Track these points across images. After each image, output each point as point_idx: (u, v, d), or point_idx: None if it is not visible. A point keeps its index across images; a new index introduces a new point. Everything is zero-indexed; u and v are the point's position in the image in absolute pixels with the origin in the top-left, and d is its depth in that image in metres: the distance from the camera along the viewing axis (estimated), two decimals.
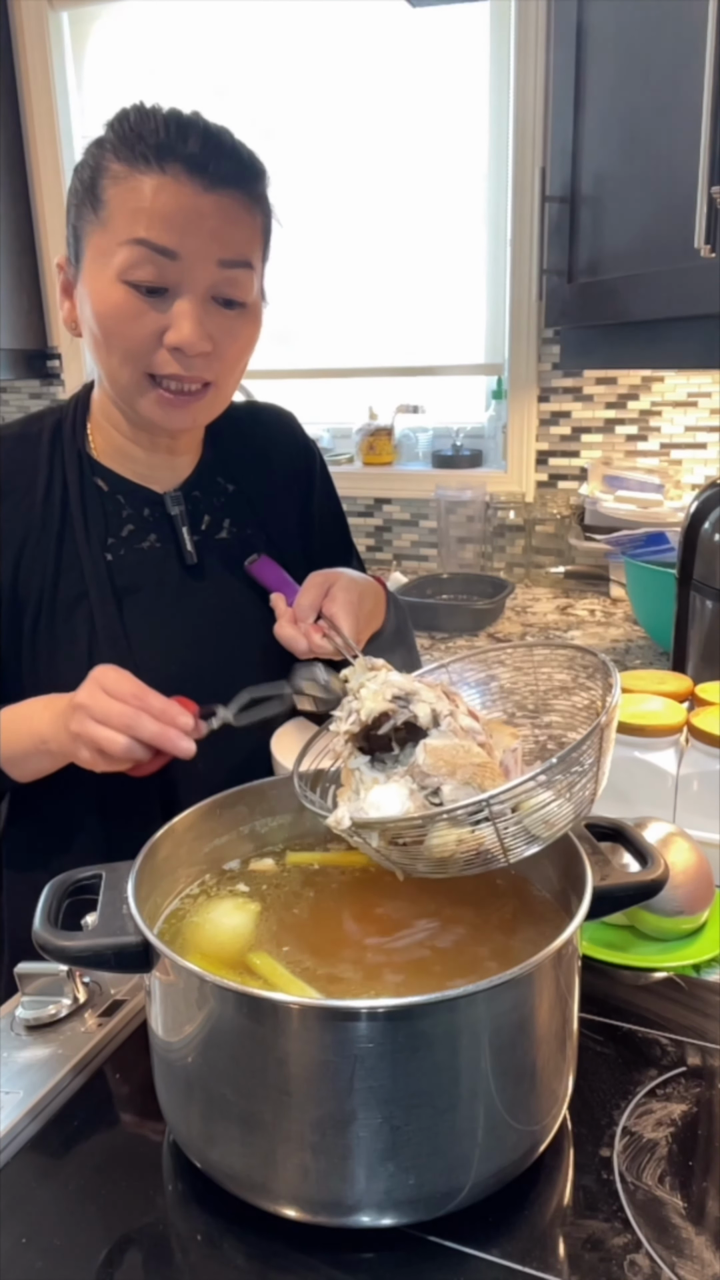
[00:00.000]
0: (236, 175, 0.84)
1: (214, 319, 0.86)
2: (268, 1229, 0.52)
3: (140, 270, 0.82)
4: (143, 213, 0.81)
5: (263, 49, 2.19)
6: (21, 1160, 0.57)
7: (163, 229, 0.81)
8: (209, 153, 0.82)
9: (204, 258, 0.83)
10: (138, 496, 0.97)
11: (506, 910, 0.66)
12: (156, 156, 0.81)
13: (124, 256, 0.82)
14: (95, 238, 0.84)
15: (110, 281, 0.83)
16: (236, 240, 0.85)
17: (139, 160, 0.81)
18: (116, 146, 0.83)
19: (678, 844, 0.79)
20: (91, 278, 0.85)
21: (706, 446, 2.02)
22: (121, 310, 0.83)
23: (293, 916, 0.66)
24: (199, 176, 0.81)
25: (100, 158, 0.84)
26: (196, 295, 0.84)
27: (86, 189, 0.85)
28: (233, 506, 1.03)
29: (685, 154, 1.16)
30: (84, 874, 0.61)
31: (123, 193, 0.82)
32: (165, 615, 0.96)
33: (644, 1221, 0.52)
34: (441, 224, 2.16)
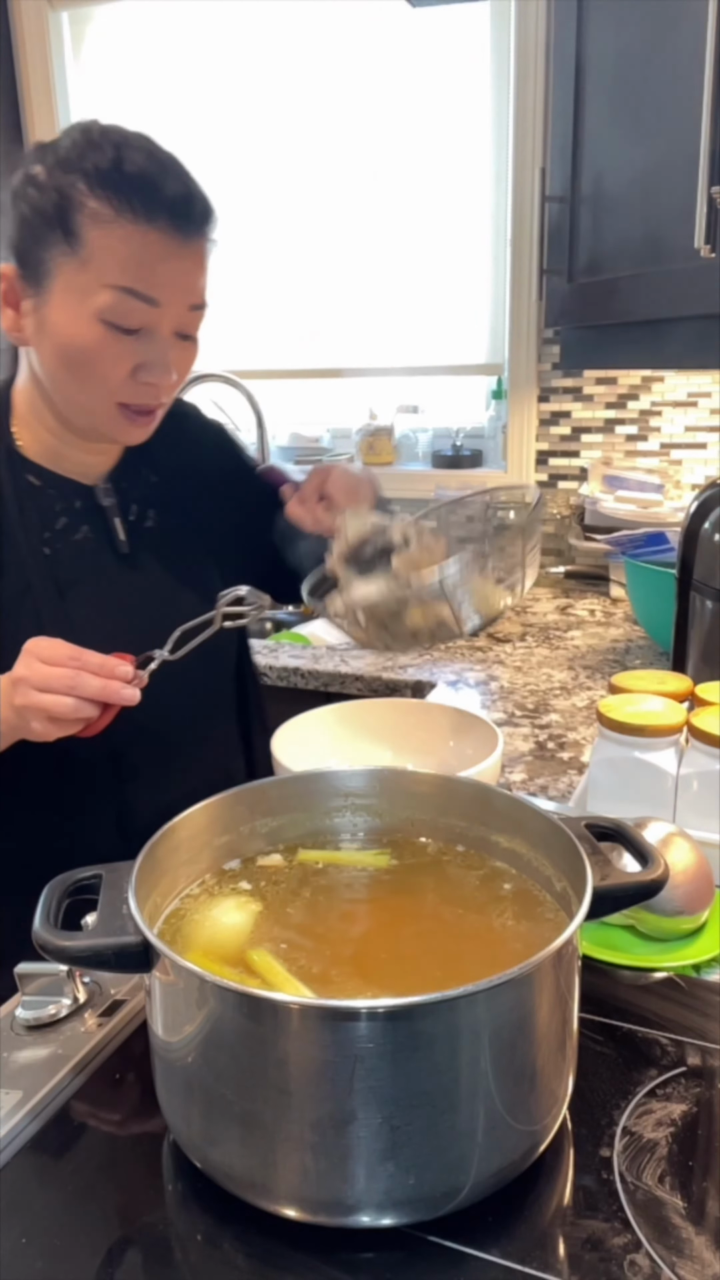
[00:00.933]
0: (204, 223, 0.90)
1: (175, 352, 0.92)
2: (268, 1229, 0.52)
3: (121, 313, 0.86)
4: (130, 262, 0.85)
5: (263, 49, 2.19)
6: (21, 1160, 0.57)
7: (149, 281, 0.86)
8: (187, 207, 0.87)
9: (178, 304, 0.89)
10: (68, 489, 1.00)
11: (506, 910, 0.66)
12: (146, 208, 0.84)
13: (107, 299, 0.85)
14: (70, 272, 0.86)
15: (89, 319, 0.86)
16: (200, 285, 0.92)
17: (126, 209, 0.84)
18: (94, 183, 0.84)
19: (678, 844, 0.79)
20: (63, 308, 0.87)
21: (706, 446, 2.02)
22: (99, 347, 0.87)
23: (293, 915, 0.66)
24: (181, 228, 0.86)
25: (71, 188, 0.84)
26: (167, 334, 0.90)
27: (56, 218, 0.85)
28: (157, 497, 1.06)
29: (685, 154, 1.16)
30: (84, 874, 0.61)
31: (108, 238, 0.84)
32: (106, 606, 0.99)
33: (644, 1221, 0.52)
34: (441, 224, 2.16)
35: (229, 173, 2.28)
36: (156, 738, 0.99)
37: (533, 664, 1.59)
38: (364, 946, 0.64)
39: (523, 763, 1.20)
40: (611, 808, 0.91)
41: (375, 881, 0.71)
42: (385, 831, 0.75)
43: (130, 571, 1.02)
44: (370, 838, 0.75)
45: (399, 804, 0.75)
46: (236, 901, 0.67)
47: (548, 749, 1.25)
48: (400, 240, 2.19)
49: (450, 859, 0.72)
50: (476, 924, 0.65)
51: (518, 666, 1.58)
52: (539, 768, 1.18)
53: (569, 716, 1.35)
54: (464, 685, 1.50)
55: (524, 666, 1.58)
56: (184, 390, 2.19)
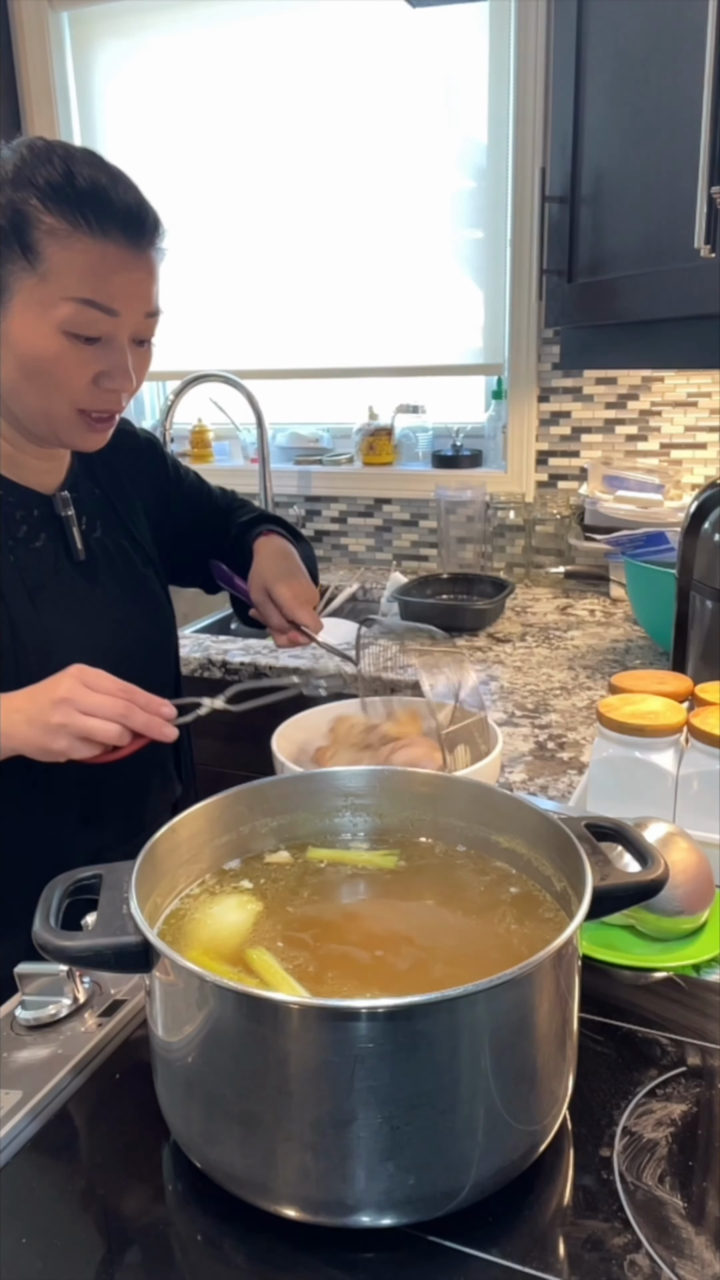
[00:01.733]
0: (154, 234, 0.92)
1: (133, 357, 0.95)
2: (268, 1229, 0.52)
3: (82, 324, 0.89)
4: (89, 275, 0.88)
5: (263, 49, 2.19)
6: (21, 1160, 0.57)
7: (107, 291, 0.89)
8: (139, 220, 0.90)
9: (135, 312, 0.92)
10: (27, 498, 1.02)
11: (506, 910, 0.66)
12: (97, 219, 0.87)
13: (68, 312, 0.88)
14: (29, 287, 0.88)
15: (50, 331, 0.89)
16: (154, 293, 0.94)
17: (79, 220, 0.86)
18: (47, 198, 0.86)
19: (678, 844, 0.79)
20: (23, 321, 0.89)
21: (706, 446, 2.02)
22: (61, 357, 0.90)
23: (294, 914, 0.66)
24: (134, 239, 0.89)
25: (25, 204, 0.86)
26: (125, 341, 0.93)
27: (13, 234, 0.87)
28: (102, 510, 1.10)
29: (685, 154, 1.16)
30: (84, 874, 0.61)
31: (65, 252, 0.87)
32: (71, 612, 1.02)
33: (644, 1221, 0.52)
34: (442, 224, 2.16)
35: (229, 172, 2.28)
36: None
37: (533, 664, 1.59)
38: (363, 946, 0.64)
39: (523, 763, 1.20)
40: (611, 808, 0.91)
41: (376, 881, 0.71)
42: (385, 831, 0.75)
43: (87, 580, 1.05)
44: (370, 838, 0.75)
45: (399, 804, 0.75)
46: (238, 900, 0.67)
47: (548, 749, 1.24)
48: (400, 240, 2.19)
49: (450, 859, 0.72)
50: (476, 924, 0.65)
51: (518, 666, 1.58)
52: (539, 768, 1.18)
53: (569, 716, 1.35)
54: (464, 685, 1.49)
55: (524, 666, 1.58)
56: (185, 390, 2.18)
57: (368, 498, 2.32)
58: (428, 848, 0.74)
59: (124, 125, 2.37)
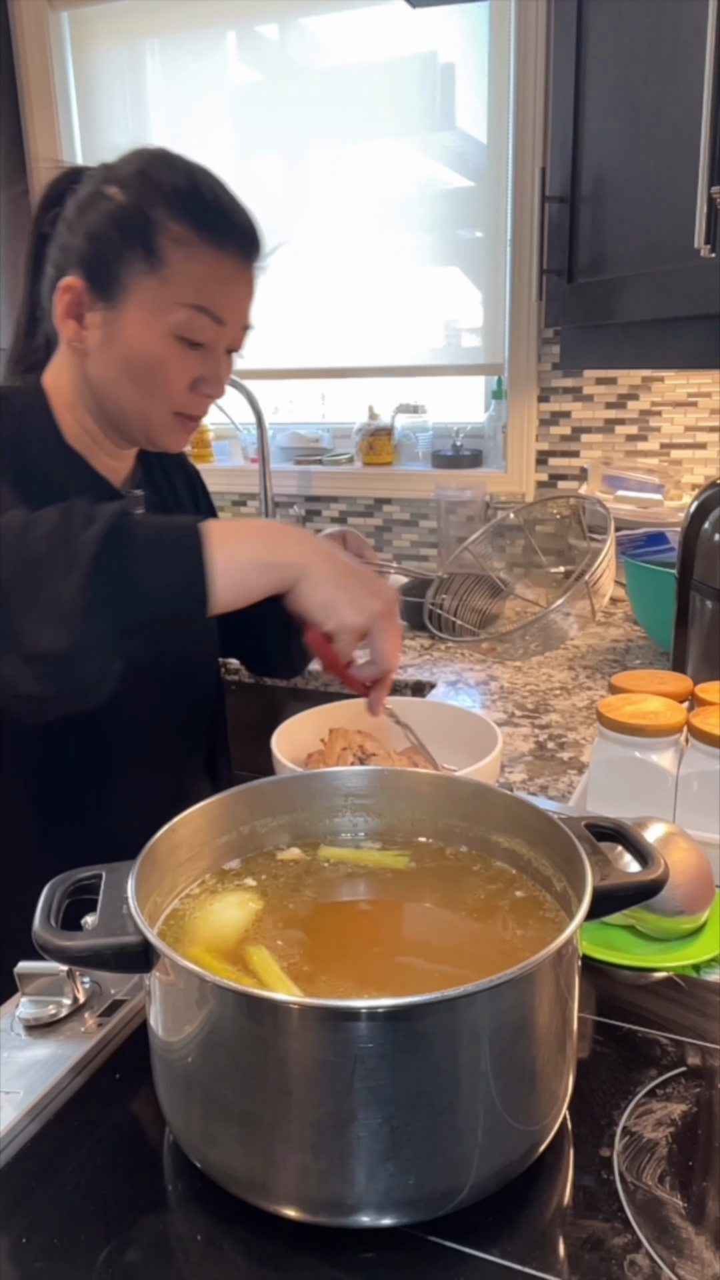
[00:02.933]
0: (257, 255, 0.99)
1: (225, 367, 1.00)
2: (268, 1229, 0.52)
3: (193, 331, 0.94)
4: (206, 284, 0.93)
5: (262, 48, 2.19)
6: (21, 1160, 0.57)
7: (221, 301, 0.94)
8: (253, 237, 0.97)
9: (237, 324, 0.98)
10: (100, 488, 1.04)
11: (506, 910, 0.66)
12: (223, 236, 0.93)
13: (183, 317, 0.93)
14: (149, 289, 0.92)
15: (162, 334, 0.93)
16: (251, 308, 1.00)
17: (205, 233, 0.92)
18: (176, 209, 0.91)
19: (678, 844, 0.78)
20: (138, 322, 0.93)
21: (706, 446, 2.02)
22: (170, 360, 0.94)
23: (294, 912, 0.66)
24: (246, 255, 0.96)
25: (152, 209, 0.91)
26: (225, 350, 0.98)
27: (138, 237, 0.91)
28: (166, 506, 1.14)
29: (685, 154, 1.16)
30: (84, 874, 0.61)
31: (188, 261, 0.92)
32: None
33: (644, 1221, 0.52)
34: (441, 224, 2.16)
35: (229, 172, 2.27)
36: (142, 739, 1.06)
37: (533, 664, 1.59)
38: (362, 945, 0.64)
39: (523, 763, 1.20)
40: (611, 808, 0.91)
41: (376, 881, 0.71)
42: (385, 832, 0.75)
43: None
44: (371, 838, 0.75)
45: (399, 804, 0.75)
46: (239, 897, 0.67)
47: (548, 749, 1.24)
48: (400, 240, 2.19)
49: (450, 859, 0.72)
50: (476, 923, 0.65)
51: (518, 666, 1.58)
52: (539, 768, 1.18)
53: (569, 716, 1.35)
54: (464, 685, 1.50)
55: (524, 666, 1.58)
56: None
57: (368, 498, 2.32)
58: (428, 848, 0.74)
59: (124, 125, 2.37)
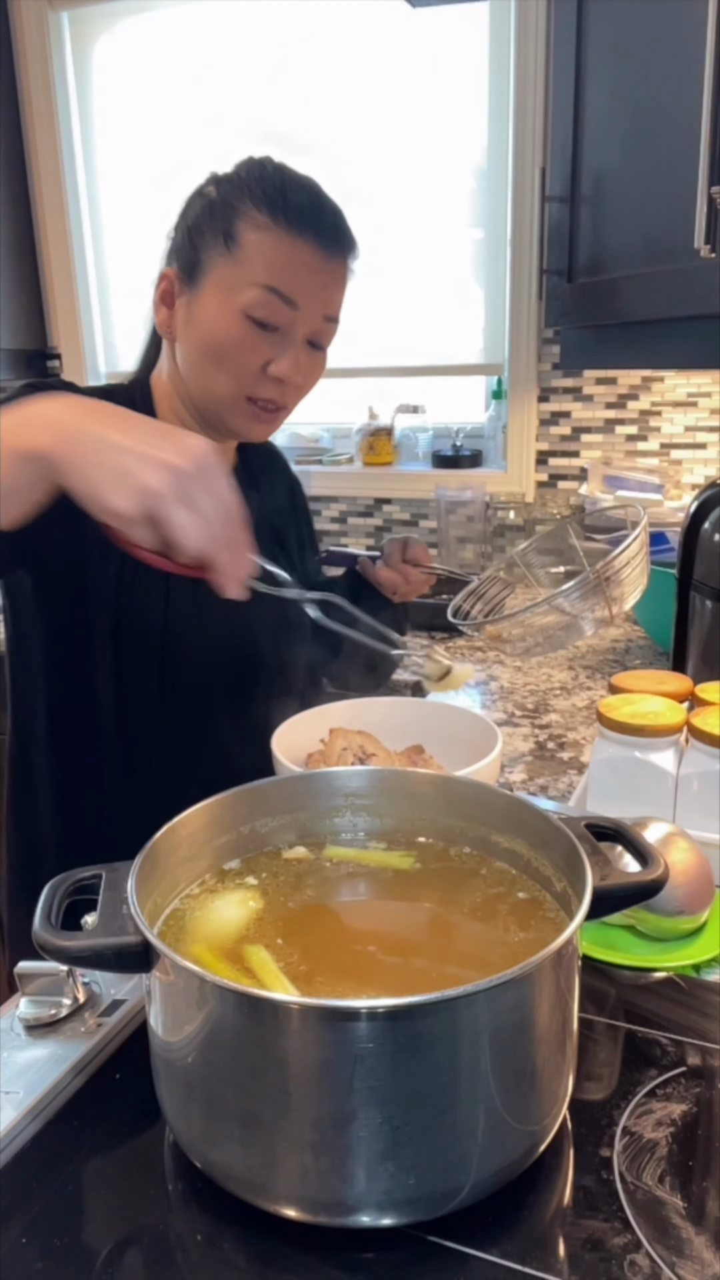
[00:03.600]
0: (347, 250, 1.01)
1: (305, 358, 1.00)
2: (268, 1229, 0.52)
3: (264, 310, 0.95)
4: (278, 266, 0.95)
5: (262, 49, 2.19)
6: (21, 1160, 0.57)
7: (291, 283, 0.96)
8: (335, 230, 0.99)
9: (313, 311, 0.98)
10: None
11: (506, 910, 0.66)
12: (299, 223, 0.95)
13: (253, 295, 0.95)
14: (224, 269, 0.96)
15: (235, 313, 0.95)
16: (337, 300, 1.01)
17: (281, 221, 0.95)
18: (259, 199, 0.95)
19: (678, 844, 0.78)
20: (213, 302, 0.96)
21: (706, 446, 2.02)
22: (241, 339, 0.96)
23: (295, 911, 0.66)
24: (327, 247, 0.97)
25: (238, 199, 0.95)
26: (300, 339, 0.98)
27: (220, 223, 0.95)
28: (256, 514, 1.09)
29: (685, 154, 1.16)
30: (84, 874, 0.61)
31: (262, 242, 0.95)
32: (199, 605, 1.04)
33: (644, 1221, 0.52)
34: (442, 223, 2.16)
35: None
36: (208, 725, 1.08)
37: (532, 664, 1.59)
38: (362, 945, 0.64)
39: (523, 763, 1.20)
40: (611, 808, 0.91)
41: (376, 880, 0.71)
42: (385, 832, 0.75)
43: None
44: (371, 838, 0.75)
45: (399, 804, 0.75)
46: (240, 896, 0.67)
47: (548, 749, 1.24)
48: (400, 239, 2.19)
49: (450, 859, 0.72)
50: (476, 923, 0.65)
51: (518, 666, 1.58)
52: (539, 768, 1.18)
53: (569, 716, 1.35)
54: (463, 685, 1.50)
55: (524, 666, 1.58)
56: None
57: (368, 498, 2.32)
58: (428, 848, 0.74)
59: (124, 125, 2.37)
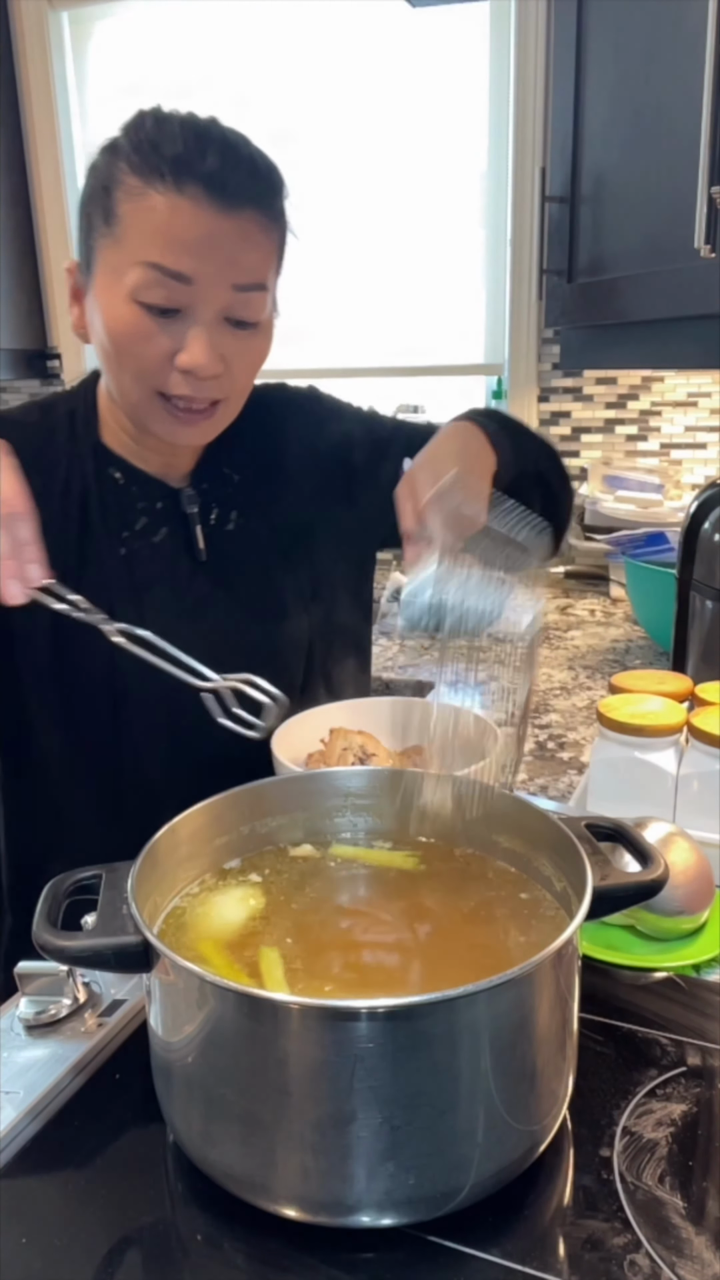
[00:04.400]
0: (255, 193, 0.82)
1: (225, 340, 0.84)
2: (268, 1229, 0.52)
3: (152, 292, 0.80)
4: (158, 234, 0.79)
5: (262, 49, 2.19)
6: (21, 1160, 0.57)
7: (177, 253, 0.79)
8: (228, 169, 0.79)
9: (218, 282, 0.81)
10: (151, 489, 0.96)
11: (506, 910, 0.66)
12: (173, 173, 0.78)
13: (136, 277, 0.80)
14: (107, 252, 0.82)
15: (122, 299, 0.81)
16: (251, 263, 0.83)
17: (154, 176, 0.78)
18: (131, 158, 0.80)
19: (678, 844, 0.78)
20: (102, 291, 0.84)
21: (706, 446, 2.02)
22: (133, 330, 0.82)
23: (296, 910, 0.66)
24: (217, 197, 0.79)
25: (114, 166, 0.81)
26: (209, 318, 0.83)
27: (99, 199, 0.82)
28: (239, 498, 1.00)
29: (685, 154, 1.16)
30: (84, 874, 0.61)
31: (137, 210, 0.79)
32: (180, 612, 0.94)
33: (644, 1221, 0.52)
34: (442, 224, 2.16)
35: None
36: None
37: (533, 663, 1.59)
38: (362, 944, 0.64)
39: (523, 763, 1.20)
40: (611, 808, 0.91)
41: (377, 880, 0.71)
42: (385, 832, 0.75)
43: (206, 580, 0.97)
44: (372, 838, 0.75)
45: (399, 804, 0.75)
46: (241, 893, 0.67)
47: (548, 749, 1.24)
48: (400, 240, 2.19)
49: (450, 858, 0.72)
50: (476, 924, 0.65)
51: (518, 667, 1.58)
52: (539, 768, 1.18)
53: (569, 716, 1.35)
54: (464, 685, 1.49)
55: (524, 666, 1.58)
56: None
57: None
58: (429, 848, 0.74)
59: None
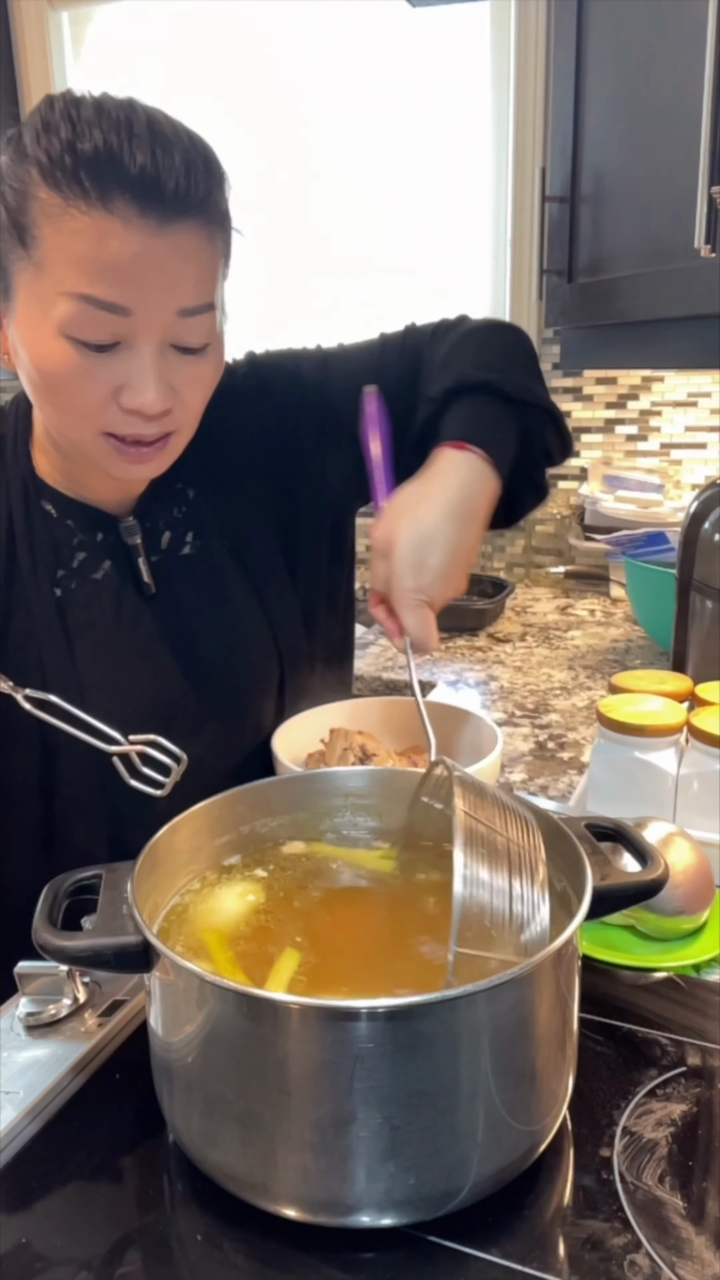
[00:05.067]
0: (194, 198, 0.71)
1: (173, 368, 0.75)
2: (268, 1229, 0.52)
3: (85, 329, 0.70)
4: (84, 263, 0.68)
5: (263, 49, 2.19)
6: (21, 1160, 0.57)
7: (111, 283, 0.69)
8: (159, 168, 0.68)
9: (159, 310, 0.72)
10: (89, 520, 0.87)
11: None
12: (96, 184, 0.67)
13: (65, 310, 0.70)
14: (29, 279, 0.71)
15: (51, 334, 0.71)
16: (195, 283, 0.73)
17: (73, 188, 0.67)
18: (43, 165, 0.68)
19: (678, 844, 0.78)
20: (27, 324, 0.73)
21: (706, 446, 2.02)
22: (66, 368, 0.72)
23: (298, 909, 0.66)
24: (151, 210, 0.68)
25: (24, 177, 0.69)
26: (151, 350, 0.73)
27: (12, 215, 0.70)
28: (194, 516, 0.92)
29: (685, 154, 1.16)
30: (84, 874, 0.61)
31: (58, 235, 0.68)
32: (121, 652, 0.88)
33: (644, 1221, 0.52)
34: (441, 224, 2.16)
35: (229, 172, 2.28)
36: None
37: (533, 664, 1.59)
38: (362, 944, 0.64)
39: (523, 763, 1.20)
40: (611, 808, 0.91)
41: (377, 880, 0.71)
42: (385, 832, 0.75)
43: (154, 614, 0.90)
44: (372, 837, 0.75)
45: (399, 804, 0.75)
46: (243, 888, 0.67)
47: (548, 749, 1.24)
48: (399, 239, 2.19)
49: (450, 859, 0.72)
50: None
51: (518, 666, 1.58)
52: (539, 768, 1.18)
53: (569, 716, 1.35)
54: (464, 685, 1.50)
55: (524, 666, 1.58)
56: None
57: None
58: (429, 848, 0.74)
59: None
